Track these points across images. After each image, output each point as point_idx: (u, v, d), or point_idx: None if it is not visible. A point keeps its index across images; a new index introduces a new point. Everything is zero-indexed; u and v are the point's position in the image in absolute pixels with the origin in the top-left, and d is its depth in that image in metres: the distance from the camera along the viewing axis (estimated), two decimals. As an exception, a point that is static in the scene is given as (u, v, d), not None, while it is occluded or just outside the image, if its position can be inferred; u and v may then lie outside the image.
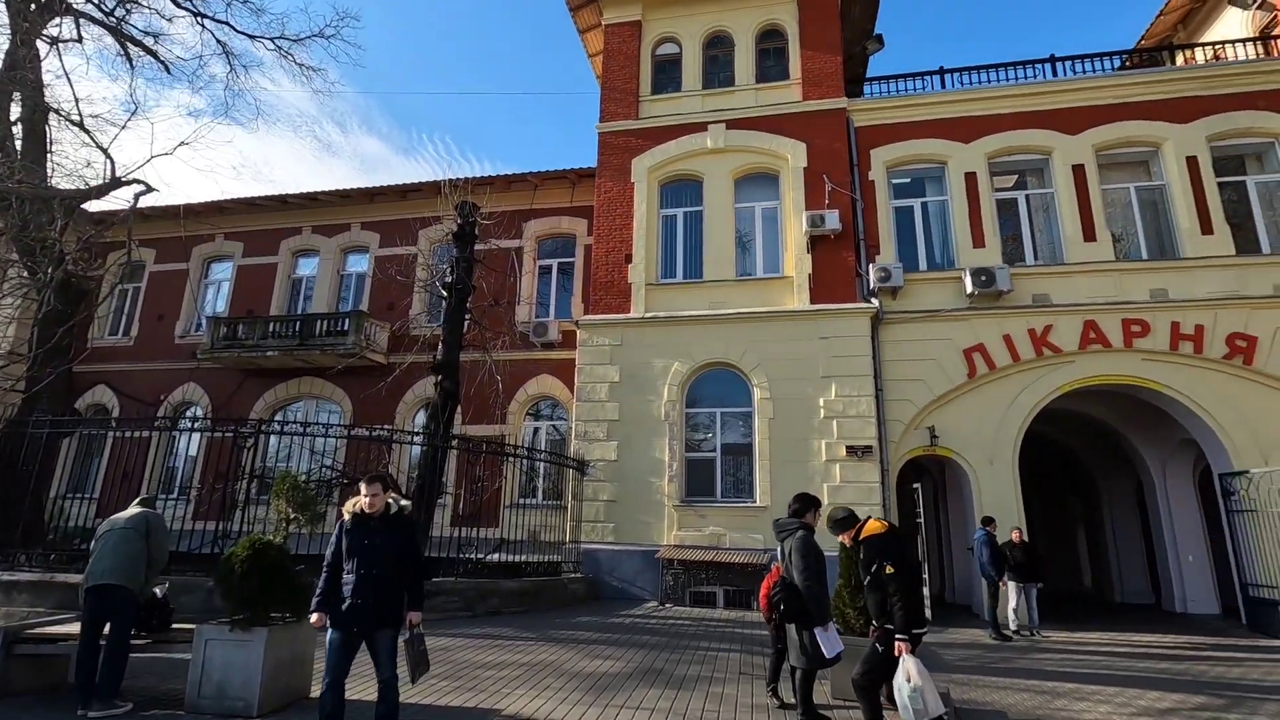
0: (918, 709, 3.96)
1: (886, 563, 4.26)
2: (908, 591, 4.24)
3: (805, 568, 4.76)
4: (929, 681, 4.05)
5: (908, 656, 4.07)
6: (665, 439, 12.82)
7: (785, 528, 5.16)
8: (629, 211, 14.43)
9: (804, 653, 4.70)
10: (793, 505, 5.36)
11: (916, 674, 4.02)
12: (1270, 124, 12.48)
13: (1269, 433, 11.22)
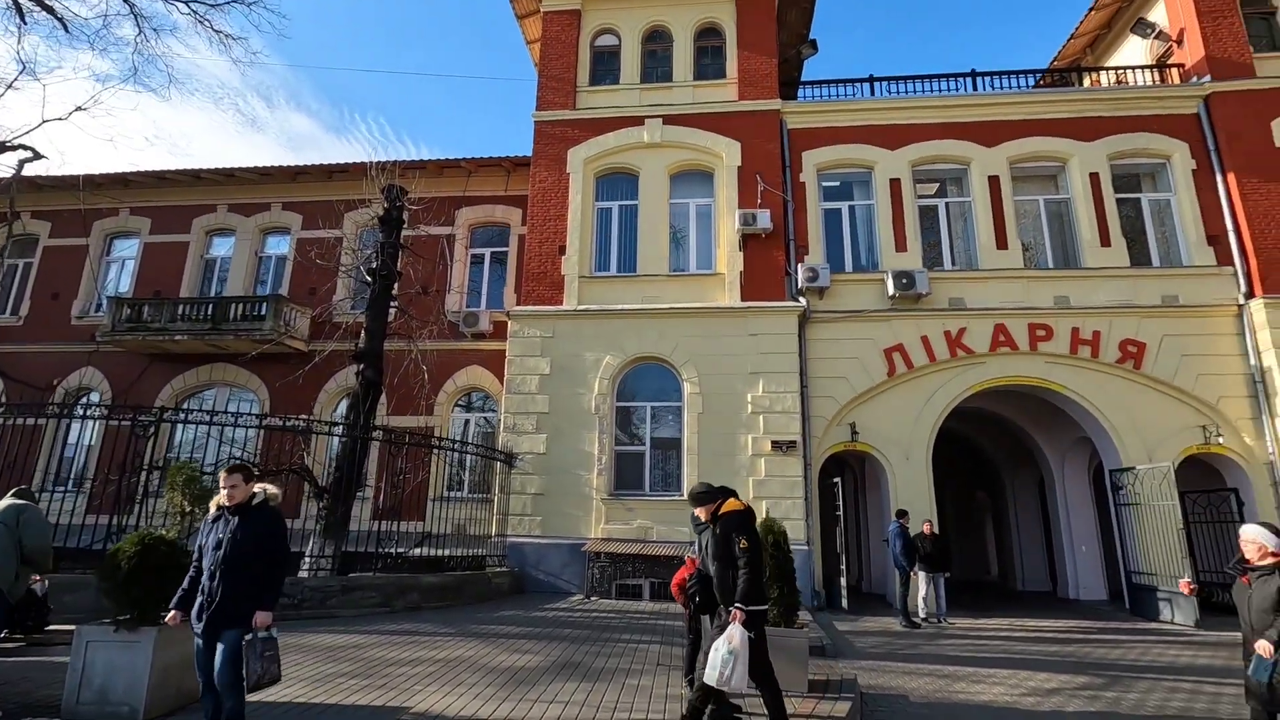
0: (724, 673, 4.09)
1: (741, 537, 4.43)
2: (755, 568, 4.42)
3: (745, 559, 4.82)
4: (745, 657, 4.17)
5: (737, 625, 4.20)
6: (595, 432, 12.80)
7: (702, 521, 5.22)
8: (564, 202, 14.30)
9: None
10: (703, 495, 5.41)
11: (739, 643, 4.16)
12: (1163, 146, 13.44)
13: (1154, 432, 12.14)
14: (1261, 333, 12.01)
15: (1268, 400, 11.86)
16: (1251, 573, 4.20)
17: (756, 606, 4.39)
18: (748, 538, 4.45)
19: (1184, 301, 12.59)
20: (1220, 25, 13.55)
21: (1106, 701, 6.02)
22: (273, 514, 4.18)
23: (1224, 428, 12.02)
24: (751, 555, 4.41)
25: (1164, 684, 6.75)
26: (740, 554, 4.40)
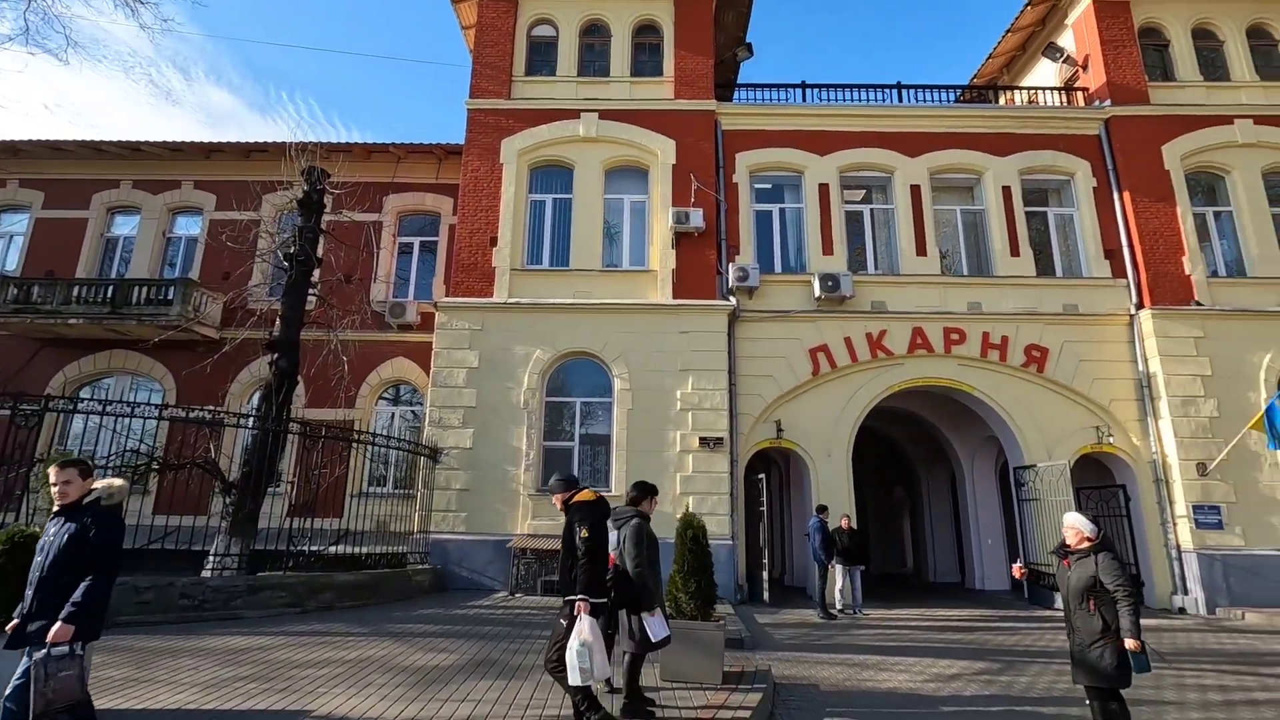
0: (584, 666, 4.07)
1: (582, 527, 4.43)
2: (595, 559, 4.41)
3: (636, 554, 4.84)
4: (600, 644, 4.18)
5: (585, 616, 4.20)
6: (524, 427, 12.64)
7: (620, 516, 5.22)
8: (496, 193, 14.04)
9: (632, 638, 4.79)
10: (630, 493, 5.43)
11: (589, 633, 4.15)
12: (1068, 164, 14.32)
13: (1053, 432, 12.93)
14: (1149, 341, 12.97)
15: (1152, 404, 12.83)
16: (1071, 556, 4.58)
17: (597, 600, 4.37)
18: (590, 528, 4.43)
19: (1083, 310, 13.46)
20: (1120, 54, 14.53)
21: (1001, 685, 6.37)
22: (105, 514, 3.64)
23: (1114, 428, 12.93)
24: (590, 546, 4.39)
25: (1053, 667, 7.20)
26: (580, 544, 4.39)
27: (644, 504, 5.32)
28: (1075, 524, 4.63)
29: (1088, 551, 4.49)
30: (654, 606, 4.74)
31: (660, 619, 4.77)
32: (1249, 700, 5.95)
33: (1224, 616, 11.36)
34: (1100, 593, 4.34)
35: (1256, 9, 14.88)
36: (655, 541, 5.19)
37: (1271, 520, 12.00)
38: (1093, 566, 4.40)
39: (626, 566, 4.87)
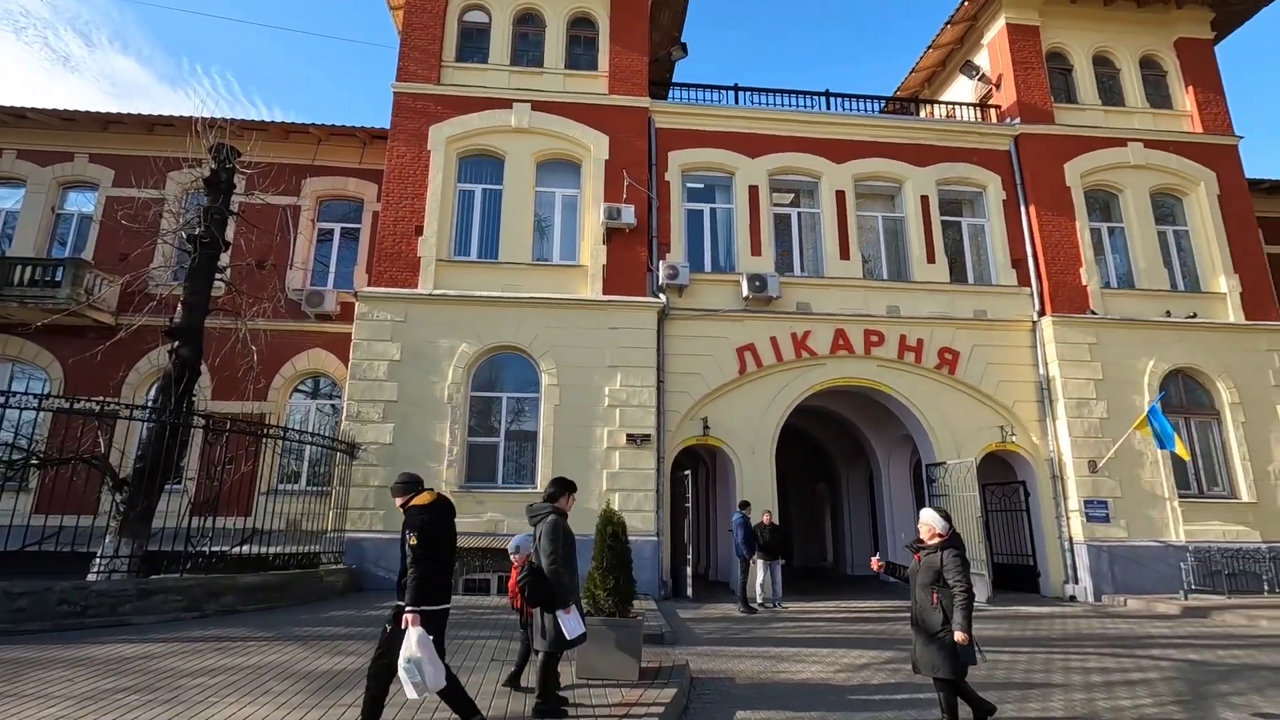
0: (415, 681, 3.90)
1: (412, 533, 4.15)
2: (429, 566, 4.11)
3: (551, 551, 4.77)
4: (431, 654, 3.99)
5: (413, 629, 3.96)
6: (447, 422, 12.32)
7: (537, 512, 5.14)
8: (423, 181, 13.61)
9: (546, 636, 4.71)
10: (548, 490, 5.35)
11: (417, 647, 3.93)
12: (980, 177, 15.08)
13: (962, 431, 13.60)
14: (1049, 346, 13.81)
15: (1050, 405, 13.68)
16: (922, 550, 4.75)
17: (434, 606, 4.11)
18: (419, 534, 4.11)
19: (991, 316, 14.21)
20: (1029, 75, 15.41)
21: (905, 673, 6.61)
22: None
23: (1017, 428, 13.72)
24: (420, 554, 4.07)
25: (955, 655, 7.55)
26: (409, 552, 4.09)
27: (561, 501, 5.25)
28: (928, 520, 4.78)
29: (936, 547, 4.63)
30: (569, 604, 4.68)
31: (576, 616, 4.72)
32: (1126, 681, 6.41)
33: (1109, 603, 12.24)
34: (944, 588, 4.50)
35: (1149, 42, 16.06)
36: (572, 539, 5.13)
37: (1151, 514, 13.00)
38: (939, 562, 4.56)
39: (541, 564, 4.79)
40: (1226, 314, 14.34)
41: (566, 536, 5.03)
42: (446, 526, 4.43)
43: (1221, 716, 5.31)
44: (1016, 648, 8.11)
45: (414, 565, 4.07)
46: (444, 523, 4.40)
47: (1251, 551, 12.76)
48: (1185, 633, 9.29)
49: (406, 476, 4.59)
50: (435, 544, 4.21)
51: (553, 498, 5.26)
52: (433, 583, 4.13)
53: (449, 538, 4.45)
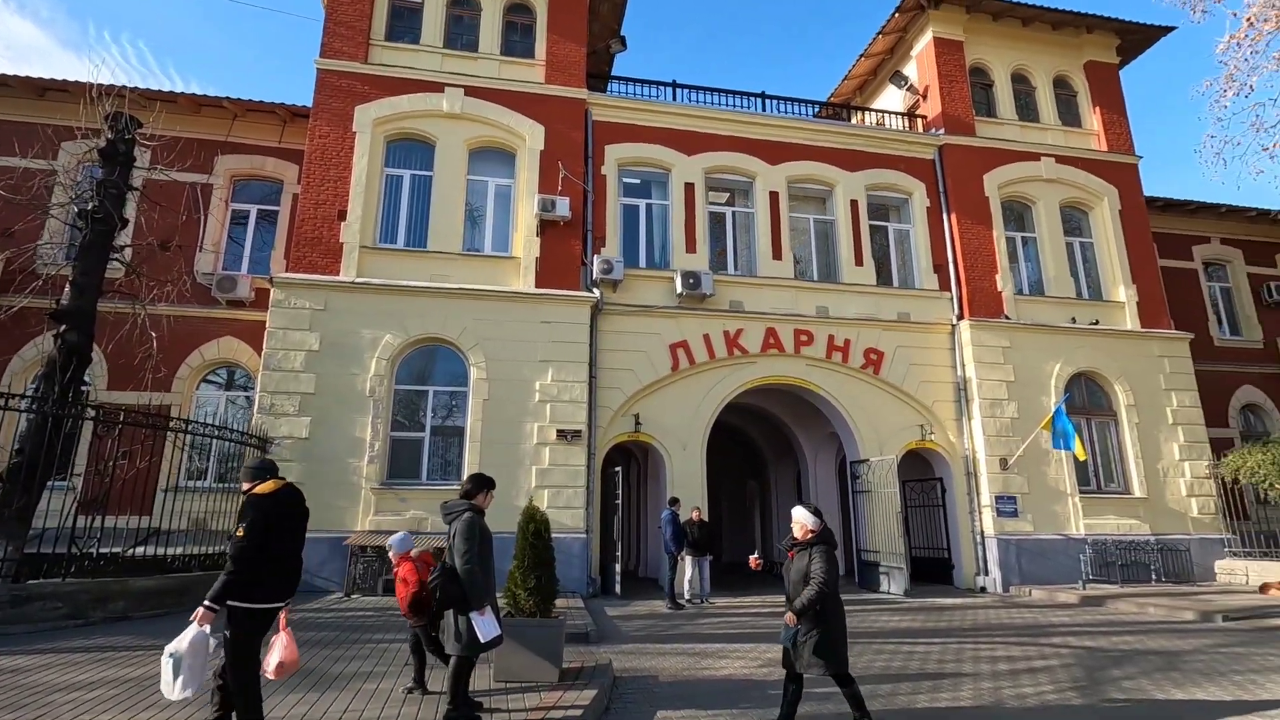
0: (165, 679, 3.67)
1: (241, 524, 3.92)
2: (256, 561, 3.84)
3: (466, 550, 4.55)
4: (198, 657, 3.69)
5: (195, 625, 3.70)
6: (369, 416, 11.80)
7: (453, 509, 4.89)
8: (347, 163, 13.00)
9: (459, 640, 4.50)
10: (464, 486, 5.12)
11: (187, 643, 3.66)
12: (907, 184, 15.59)
13: (885, 429, 14.04)
14: (967, 349, 14.41)
15: (966, 405, 14.28)
16: (795, 548, 4.75)
17: (243, 603, 3.81)
18: (247, 526, 3.88)
19: (914, 318, 14.72)
20: (954, 88, 16.03)
21: (825, 666, 6.73)
22: None
23: (935, 427, 14.26)
24: (240, 546, 3.81)
25: (873, 647, 7.75)
26: (233, 544, 3.85)
27: (479, 498, 5.03)
28: (799, 518, 4.77)
29: (807, 544, 4.64)
30: (483, 605, 4.49)
31: (490, 618, 4.52)
32: (1030, 669, 6.70)
33: (1016, 594, 12.88)
34: (810, 584, 4.49)
35: (1061, 63, 16.98)
36: (489, 537, 4.93)
37: (1055, 509, 13.76)
38: (808, 559, 4.57)
39: (455, 564, 4.57)
40: (1125, 321, 15.33)
41: (483, 535, 4.82)
42: (289, 518, 4.16)
43: (1114, 699, 5.60)
44: (931, 638, 8.39)
45: (233, 559, 3.78)
46: (286, 514, 4.12)
47: (1142, 544, 13.69)
48: (1083, 621, 9.84)
49: (257, 462, 4.35)
50: (270, 536, 3.91)
51: (469, 494, 5.04)
52: (258, 579, 3.85)
53: (293, 531, 4.18)
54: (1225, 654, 7.38)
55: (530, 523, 5.75)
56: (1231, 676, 6.33)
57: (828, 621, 4.51)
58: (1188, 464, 14.46)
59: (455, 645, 4.51)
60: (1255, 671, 6.54)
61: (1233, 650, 7.57)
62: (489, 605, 4.52)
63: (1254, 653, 7.47)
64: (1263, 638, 8.43)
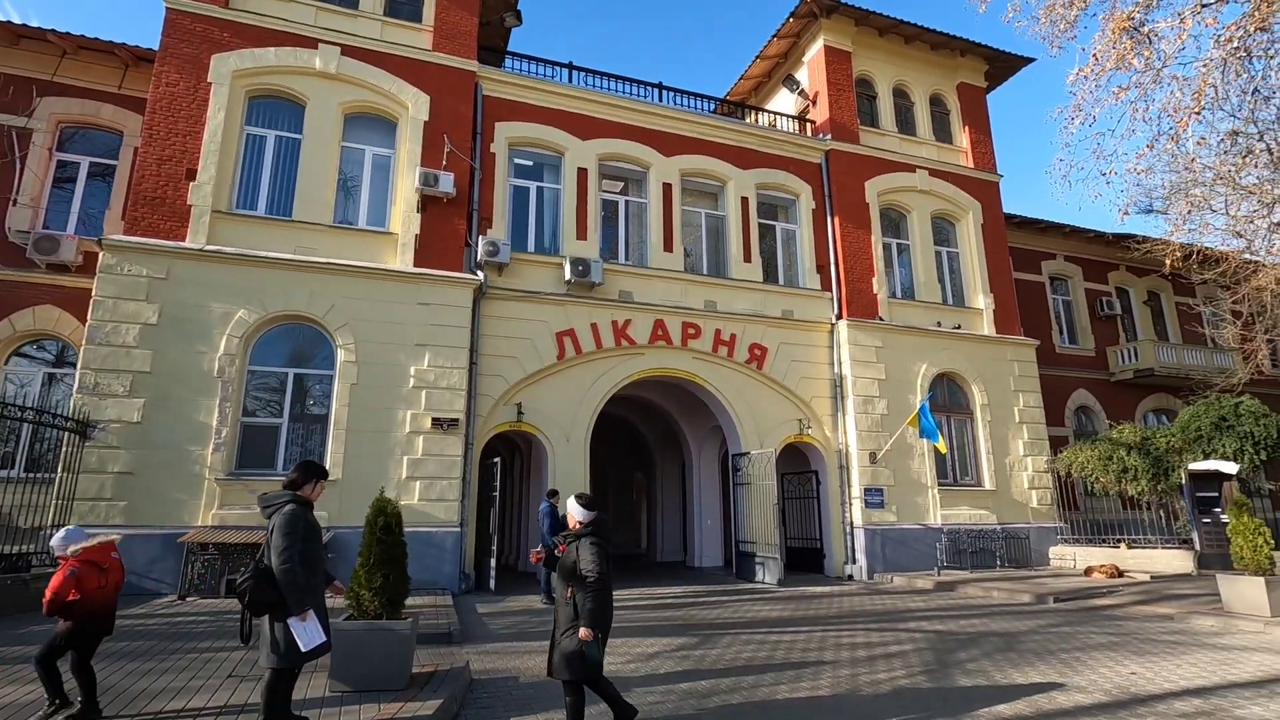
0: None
1: None
2: None
3: (285, 547, 4.01)
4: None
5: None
6: (216, 400, 10.63)
7: (271, 502, 4.28)
8: (200, 117, 11.64)
9: (275, 650, 3.96)
10: (290, 475, 4.53)
11: None
12: (795, 186, 16.02)
13: (766, 423, 14.37)
14: (844, 347, 15.01)
15: (842, 401, 14.89)
16: (568, 540, 4.52)
17: None
18: None
19: (797, 316, 15.16)
20: (840, 96, 16.63)
21: (694, 660, 6.67)
22: None
23: (813, 421, 14.77)
24: None
25: (741, 638, 7.80)
26: None
27: (306, 488, 4.47)
28: (570, 509, 4.59)
29: (577, 536, 4.44)
30: (305, 609, 3.98)
31: (314, 624, 4.01)
32: (885, 655, 6.94)
33: (879, 581, 13.56)
34: (579, 580, 4.23)
35: (937, 82, 18.03)
36: (318, 532, 4.42)
37: (917, 500, 14.63)
38: (577, 552, 4.31)
39: (272, 562, 4.03)
40: (983, 327, 16.54)
41: (309, 530, 4.30)
42: None
43: (959, 683, 5.87)
44: (798, 627, 8.58)
45: None
46: None
47: (990, 532, 14.82)
48: (936, 605, 10.46)
49: None
50: None
51: (294, 484, 4.45)
52: None
53: None
54: (1055, 634, 8.01)
55: (379, 516, 5.25)
56: (1059, 655, 6.83)
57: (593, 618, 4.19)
58: (1030, 459, 15.82)
59: (271, 656, 3.97)
60: (1079, 649, 7.11)
61: (1061, 630, 8.24)
62: (311, 609, 4.02)
63: (1078, 631, 8.16)
64: (1085, 617, 9.26)
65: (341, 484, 10.77)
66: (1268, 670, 6.11)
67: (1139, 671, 6.10)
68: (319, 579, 4.37)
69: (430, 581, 10.97)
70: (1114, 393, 20.18)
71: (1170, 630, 8.18)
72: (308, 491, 4.38)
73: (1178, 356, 20.17)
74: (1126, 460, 14.23)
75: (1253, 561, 8.70)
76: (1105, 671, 6.12)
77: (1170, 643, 7.41)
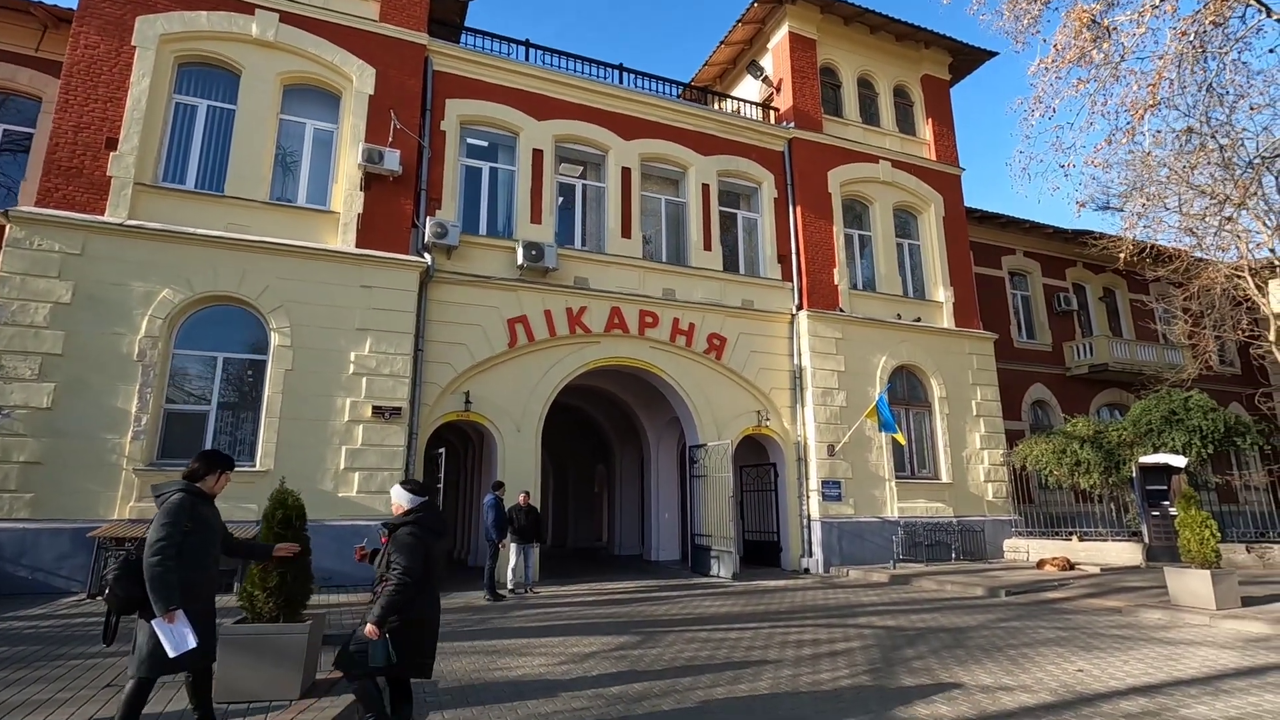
0: None
1: None
2: None
3: (158, 539, 3.58)
4: None
5: None
6: (135, 385, 9.94)
7: (162, 491, 3.89)
8: (123, 83, 10.87)
9: (139, 655, 3.51)
10: (191, 464, 4.12)
11: None
12: (757, 174, 15.73)
13: (724, 414, 14.09)
14: (804, 338, 14.80)
15: (801, 393, 14.69)
16: (385, 531, 4.17)
17: None
18: None
19: (757, 306, 14.90)
20: (805, 84, 16.38)
21: (630, 660, 6.33)
22: None
23: (772, 413, 14.54)
24: None
25: (686, 636, 7.49)
26: None
27: (208, 480, 4.06)
28: (395, 496, 4.18)
29: (395, 525, 4.08)
30: (170, 608, 3.52)
31: (184, 626, 3.56)
32: (832, 653, 6.69)
33: (835, 574, 13.41)
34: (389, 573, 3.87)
35: (901, 73, 17.88)
36: (210, 526, 3.98)
37: (874, 493, 14.51)
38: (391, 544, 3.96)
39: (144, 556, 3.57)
40: (942, 320, 16.48)
41: (198, 523, 3.86)
42: None
43: (903, 682, 5.62)
44: (745, 624, 8.30)
45: None
46: None
47: (946, 525, 14.79)
48: (890, 599, 10.29)
49: None
50: None
51: (193, 474, 4.06)
52: None
53: None
54: (1005, 629, 7.85)
55: (278, 509, 4.78)
56: (1007, 651, 6.65)
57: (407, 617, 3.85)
58: (987, 452, 15.83)
59: (137, 665, 3.52)
60: (1027, 645, 6.95)
61: (1011, 625, 8.10)
62: (180, 609, 3.56)
63: (1028, 626, 8.02)
64: (1036, 611, 9.17)
65: (274, 475, 10.12)
66: (1212, 666, 6.00)
67: (1086, 669, 5.93)
68: (203, 577, 3.93)
69: (369, 578, 10.27)
70: (1070, 387, 20.40)
71: (1118, 624, 8.10)
72: (209, 484, 3.98)
73: (1131, 352, 20.47)
74: (1080, 454, 14.30)
75: (1199, 555, 8.67)
76: (1052, 669, 5.94)
77: (1118, 637, 7.30)
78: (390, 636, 3.77)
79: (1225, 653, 6.53)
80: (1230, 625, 7.81)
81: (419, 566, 3.86)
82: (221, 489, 4.24)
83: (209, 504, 4.08)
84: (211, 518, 4.05)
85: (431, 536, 4.08)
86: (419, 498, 4.13)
